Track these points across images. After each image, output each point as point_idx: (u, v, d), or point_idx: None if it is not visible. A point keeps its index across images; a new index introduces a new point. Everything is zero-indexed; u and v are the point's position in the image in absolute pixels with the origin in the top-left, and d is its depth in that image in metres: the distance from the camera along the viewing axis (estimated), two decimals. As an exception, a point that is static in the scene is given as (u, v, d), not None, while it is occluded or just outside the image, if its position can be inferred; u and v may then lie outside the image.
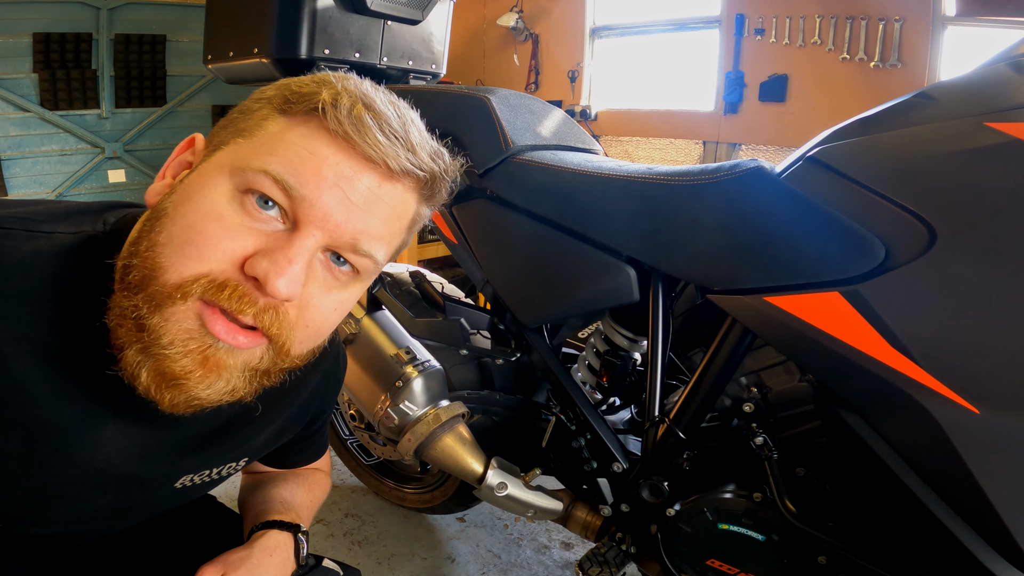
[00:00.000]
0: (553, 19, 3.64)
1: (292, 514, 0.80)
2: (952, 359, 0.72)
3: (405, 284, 1.48)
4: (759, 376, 1.05)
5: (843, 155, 0.79)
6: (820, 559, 0.93)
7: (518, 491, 1.13)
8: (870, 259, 0.76)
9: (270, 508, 0.80)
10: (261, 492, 0.84)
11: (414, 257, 3.25)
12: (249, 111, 0.54)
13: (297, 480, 0.89)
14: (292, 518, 0.79)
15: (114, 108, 3.53)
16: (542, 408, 1.26)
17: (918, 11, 2.47)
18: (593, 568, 1.12)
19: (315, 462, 0.92)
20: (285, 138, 0.52)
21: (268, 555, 0.71)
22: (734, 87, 2.97)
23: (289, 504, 0.82)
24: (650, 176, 0.98)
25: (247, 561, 0.68)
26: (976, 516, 0.74)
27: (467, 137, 1.18)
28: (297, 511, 0.82)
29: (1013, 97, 0.72)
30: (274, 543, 0.73)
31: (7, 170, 3.27)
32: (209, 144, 0.55)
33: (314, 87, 0.53)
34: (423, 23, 1.54)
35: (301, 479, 0.89)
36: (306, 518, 0.83)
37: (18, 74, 3.20)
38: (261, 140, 0.52)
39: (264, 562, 0.70)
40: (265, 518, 0.77)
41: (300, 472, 0.91)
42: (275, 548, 0.73)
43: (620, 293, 1.04)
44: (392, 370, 1.16)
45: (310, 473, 0.92)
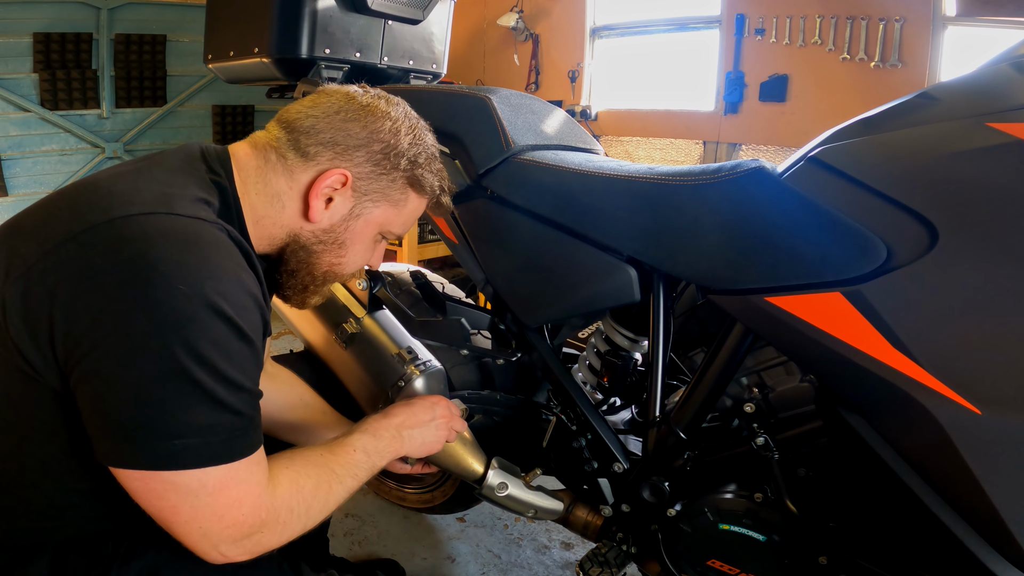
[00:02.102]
0: (553, 19, 3.64)
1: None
2: (954, 359, 0.72)
3: (406, 284, 1.48)
4: (760, 376, 1.05)
5: (844, 155, 0.79)
6: (821, 559, 0.93)
7: (519, 491, 1.12)
8: (872, 259, 0.76)
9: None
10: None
11: (414, 257, 3.25)
12: (392, 169, 0.86)
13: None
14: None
15: (114, 108, 3.53)
16: (543, 408, 1.26)
17: (918, 11, 2.47)
18: (594, 568, 1.12)
19: None
20: (412, 212, 0.92)
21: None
22: (734, 87, 2.97)
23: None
24: (651, 176, 0.98)
25: None
26: (977, 516, 0.74)
27: (468, 137, 1.18)
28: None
29: (1015, 97, 0.72)
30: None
31: (7, 170, 3.27)
32: (358, 190, 0.85)
33: (432, 178, 0.91)
34: (424, 23, 1.54)
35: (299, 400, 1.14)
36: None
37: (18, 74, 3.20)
38: (402, 214, 0.90)
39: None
40: None
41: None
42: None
43: (621, 293, 1.04)
44: (393, 370, 1.16)
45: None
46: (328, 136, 0.82)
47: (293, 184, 0.82)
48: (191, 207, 0.71)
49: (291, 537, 0.76)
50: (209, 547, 0.69)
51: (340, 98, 0.85)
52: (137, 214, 0.67)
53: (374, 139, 0.83)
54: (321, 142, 0.82)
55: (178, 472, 0.65)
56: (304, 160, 0.82)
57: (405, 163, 0.86)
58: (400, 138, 0.85)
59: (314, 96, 0.87)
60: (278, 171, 0.82)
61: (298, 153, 0.82)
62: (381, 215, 0.87)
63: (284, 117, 0.85)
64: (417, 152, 0.87)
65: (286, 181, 0.82)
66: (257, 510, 0.71)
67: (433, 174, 0.90)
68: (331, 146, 0.82)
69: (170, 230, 0.67)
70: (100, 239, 0.65)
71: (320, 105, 0.84)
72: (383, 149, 0.84)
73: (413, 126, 0.88)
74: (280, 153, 0.82)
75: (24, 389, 0.68)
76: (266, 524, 0.72)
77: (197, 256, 0.67)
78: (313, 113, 0.83)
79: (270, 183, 0.82)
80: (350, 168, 0.83)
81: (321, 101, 0.85)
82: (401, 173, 0.86)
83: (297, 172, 0.82)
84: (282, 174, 0.82)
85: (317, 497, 0.79)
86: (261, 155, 0.83)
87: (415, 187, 0.89)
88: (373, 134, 0.83)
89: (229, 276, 0.68)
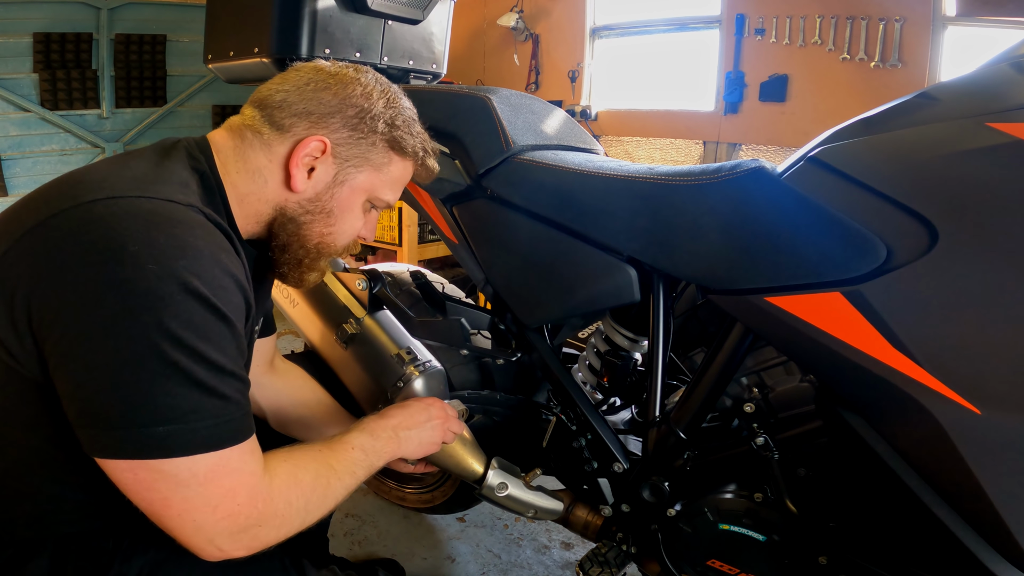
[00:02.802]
0: (553, 19, 3.64)
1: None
2: (953, 359, 0.72)
3: (406, 284, 1.48)
4: (760, 376, 1.05)
5: (844, 155, 0.79)
6: (821, 559, 0.93)
7: (519, 491, 1.12)
8: (871, 259, 0.76)
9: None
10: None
11: (414, 257, 3.25)
12: (370, 133, 0.86)
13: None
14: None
15: (114, 108, 3.53)
16: (543, 408, 1.26)
17: (918, 11, 2.47)
18: (594, 568, 1.12)
19: None
20: (398, 176, 0.91)
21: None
22: (734, 87, 2.97)
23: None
24: (651, 176, 0.98)
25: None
26: (977, 516, 0.74)
27: (468, 137, 1.18)
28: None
29: (1015, 97, 0.72)
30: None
31: (7, 170, 3.27)
32: (338, 156, 0.85)
33: (413, 140, 0.90)
34: (424, 23, 1.54)
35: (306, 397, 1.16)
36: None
37: (18, 74, 3.20)
38: (387, 179, 0.90)
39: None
40: None
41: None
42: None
43: (621, 293, 1.04)
44: (393, 370, 1.16)
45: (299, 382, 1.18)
46: (301, 107, 0.82)
47: (272, 157, 0.82)
48: (165, 189, 0.71)
49: (289, 533, 0.74)
50: (204, 542, 0.67)
51: (309, 71, 0.86)
52: (106, 197, 0.67)
53: (347, 104, 0.84)
54: (295, 113, 0.82)
55: (165, 460, 0.63)
56: (280, 133, 0.82)
57: (382, 126, 0.86)
58: (373, 101, 0.85)
59: (283, 73, 0.87)
60: (255, 147, 0.83)
61: (273, 127, 0.82)
62: (366, 180, 0.87)
63: (256, 97, 0.86)
64: (393, 114, 0.87)
65: (265, 155, 0.82)
66: (253, 500, 0.69)
67: (413, 136, 0.90)
68: (305, 116, 0.82)
69: (140, 210, 0.66)
70: (68, 222, 0.65)
71: (289, 80, 0.85)
72: (357, 113, 0.84)
73: (385, 90, 0.88)
74: (255, 130, 0.83)
75: (7, 381, 0.67)
76: (263, 517, 0.70)
77: (168, 235, 0.66)
78: (283, 88, 0.84)
79: (249, 160, 0.82)
80: (327, 135, 0.83)
81: (290, 76, 0.86)
82: (379, 136, 0.86)
83: (275, 145, 0.82)
84: (260, 149, 0.83)
85: (316, 491, 0.78)
86: (237, 135, 0.84)
87: (396, 149, 0.89)
88: (345, 100, 0.84)
89: (204, 254, 0.67)
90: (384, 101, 0.87)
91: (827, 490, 0.94)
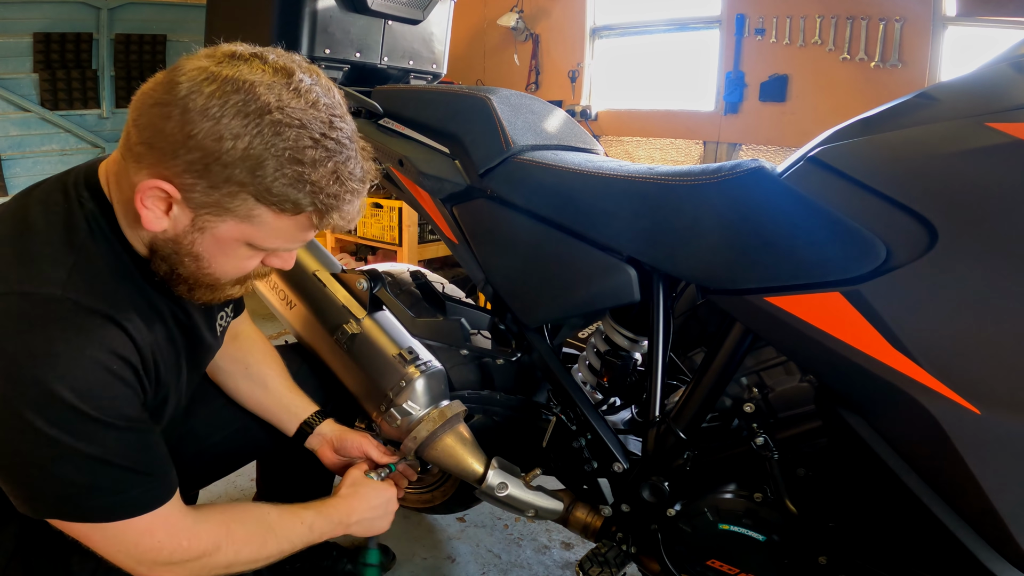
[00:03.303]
0: (553, 19, 3.64)
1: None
2: (953, 359, 0.72)
3: (406, 284, 1.48)
4: (760, 376, 1.05)
5: (844, 155, 0.79)
6: (821, 559, 0.93)
7: (519, 491, 1.12)
8: (871, 259, 0.76)
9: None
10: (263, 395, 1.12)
11: (414, 257, 3.25)
12: (223, 183, 0.66)
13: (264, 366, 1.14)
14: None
15: (114, 108, 3.53)
16: (542, 408, 1.26)
17: (918, 11, 2.47)
18: (593, 568, 1.12)
19: None
20: (282, 228, 0.71)
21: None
22: (734, 87, 2.97)
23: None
24: (651, 176, 0.98)
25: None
26: (976, 516, 0.74)
27: (468, 137, 1.18)
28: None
29: (1015, 97, 0.72)
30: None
31: (7, 170, 3.27)
32: (190, 202, 0.68)
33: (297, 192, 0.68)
34: (424, 23, 1.54)
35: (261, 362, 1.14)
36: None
37: (18, 74, 3.20)
38: (265, 231, 0.71)
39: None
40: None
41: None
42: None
43: (621, 293, 1.04)
44: (394, 370, 1.16)
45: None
46: (148, 135, 0.66)
47: (132, 189, 0.69)
48: (27, 275, 0.68)
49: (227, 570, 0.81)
50: (137, 566, 0.75)
51: (165, 81, 0.66)
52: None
53: (190, 145, 0.64)
54: (143, 141, 0.66)
55: (66, 524, 0.71)
56: (135, 163, 0.68)
57: (241, 174, 0.65)
58: (225, 143, 0.64)
59: (169, 70, 0.69)
60: (123, 172, 0.71)
61: (130, 153, 0.68)
62: (233, 230, 0.70)
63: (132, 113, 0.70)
64: (262, 158, 0.65)
65: (128, 187, 0.70)
66: (174, 537, 0.76)
67: (302, 184, 0.67)
68: (148, 148, 0.66)
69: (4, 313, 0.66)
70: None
71: (150, 90, 0.67)
72: (202, 158, 0.64)
73: (270, 117, 0.65)
74: (121, 151, 0.71)
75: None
76: (191, 553, 0.77)
77: (22, 344, 0.65)
78: (142, 101, 0.67)
79: (123, 187, 0.72)
80: (171, 178, 0.66)
81: (156, 81, 0.68)
82: (237, 186, 0.66)
83: (132, 174, 0.69)
84: (125, 177, 0.71)
85: (249, 545, 0.83)
86: (116, 158, 0.74)
87: (267, 204, 0.68)
88: (189, 138, 0.64)
89: (69, 359, 0.66)
90: (254, 139, 0.64)
91: (827, 490, 0.94)
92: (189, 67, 0.66)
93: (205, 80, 0.64)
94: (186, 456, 1.07)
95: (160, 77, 0.68)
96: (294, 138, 0.66)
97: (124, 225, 0.75)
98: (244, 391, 1.12)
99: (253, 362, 1.13)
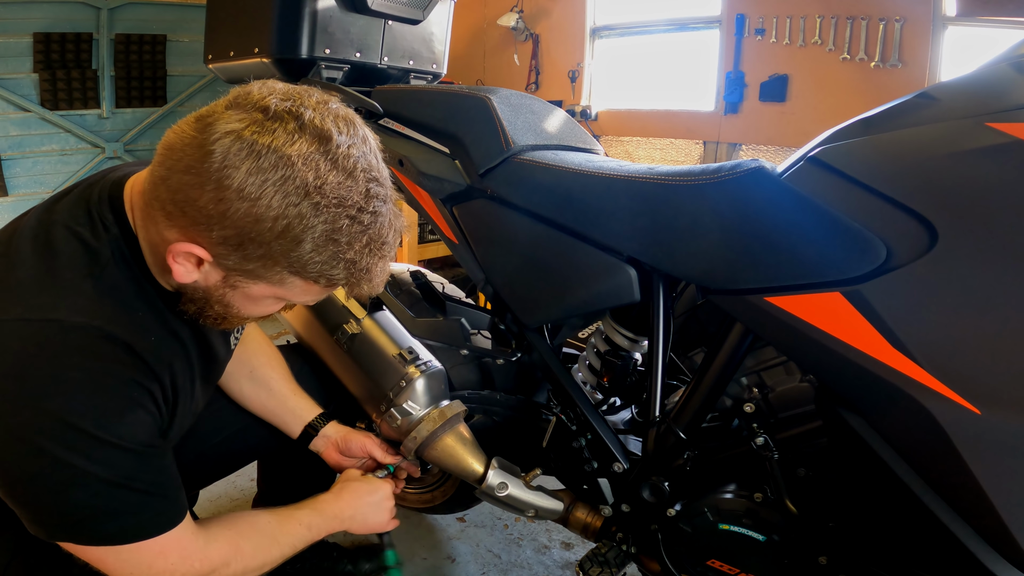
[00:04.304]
0: (553, 19, 3.64)
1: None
2: (953, 359, 0.72)
3: (406, 284, 1.48)
4: (760, 376, 1.05)
5: (844, 155, 0.79)
6: (821, 559, 0.93)
7: (519, 491, 1.12)
8: (871, 259, 0.76)
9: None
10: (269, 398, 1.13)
11: (414, 257, 3.25)
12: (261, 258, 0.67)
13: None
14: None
15: (114, 108, 3.53)
16: (543, 408, 1.26)
17: (918, 11, 2.47)
18: (594, 568, 1.12)
19: None
20: (313, 291, 0.73)
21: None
22: (734, 87, 2.97)
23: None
24: (651, 176, 0.98)
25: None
26: (977, 516, 0.74)
27: (468, 137, 1.18)
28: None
29: (1015, 97, 0.72)
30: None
31: (7, 170, 3.27)
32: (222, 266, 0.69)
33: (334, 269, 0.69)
34: (424, 23, 1.54)
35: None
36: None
37: (18, 74, 3.20)
38: (295, 291, 0.72)
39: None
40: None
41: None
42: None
43: (621, 293, 1.04)
44: (395, 371, 1.16)
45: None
46: (179, 199, 0.64)
47: (162, 238, 0.69)
48: (48, 302, 0.67)
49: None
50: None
51: (196, 145, 0.63)
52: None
53: (226, 223, 0.63)
54: (175, 202, 0.64)
55: (80, 547, 0.71)
56: (166, 219, 0.67)
57: (276, 252, 0.65)
58: (263, 224, 0.63)
59: (188, 125, 0.65)
60: (151, 219, 0.70)
61: (158, 205, 0.67)
62: (265, 291, 0.72)
63: (157, 156, 0.67)
64: (300, 239, 0.64)
65: (157, 233, 0.70)
66: (187, 560, 0.77)
67: (330, 262, 0.67)
68: (181, 213, 0.65)
69: (15, 339, 0.66)
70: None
71: (180, 149, 0.64)
72: (236, 236, 0.64)
73: (308, 200, 0.63)
74: (147, 201, 0.69)
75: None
76: (201, 572, 0.79)
77: (42, 371, 0.65)
78: (171, 160, 0.64)
79: (150, 229, 0.71)
80: (205, 244, 0.66)
81: (185, 137, 0.64)
82: (271, 262, 0.67)
83: (162, 227, 0.68)
84: (153, 224, 0.70)
85: (256, 558, 0.86)
86: (143, 197, 0.71)
87: (300, 276, 0.69)
88: (224, 216, 0.63)
89: (88, 385, 0.67)
90: (295, 217, 0.63)
91: (827, 490, 0.94)
92: (222, 129, 0.62)
93: (240, 151, 0.62)
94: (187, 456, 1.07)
95: (190, 134, 0.64)
96: (332, 219, 0.65)
97: (149, 260, 0.75)
98: (248, 393, 1.12)
99: (257, 365, 1.13)
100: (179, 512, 0.77)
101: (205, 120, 0.64)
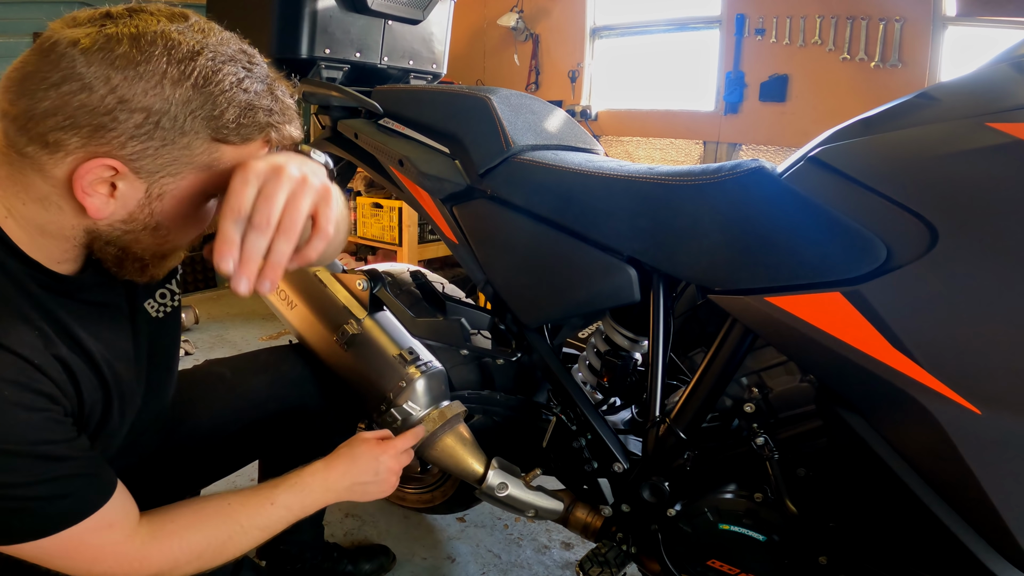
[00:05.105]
0: (553, 19, 3.64)
1: None
2: (954, 359, 0.72)
3: (406, 284, 1.48)
4: (760, 376, 1.05)
5: (844, 155, 0.79)
6: (821, 559, 0.93)
7: (519, 491, 1.13)
8: (871, 259, 0.76)
9: None
10: None
11: (414, 257, 3.25)
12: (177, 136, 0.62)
13: None
14: None
15: (114, 108, 3.53)
16: (543, 408, 1.26)
17: (918, 11, 2.47)
18: (594, 568, 1.12)
19: None
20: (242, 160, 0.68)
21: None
22: (734, 87, 2.97)
23: None
24: (651, 176, 0.98)
25: None
26: (977, 516, 0.74)
27: (468, 137, 1.18)
28: None
29: (1015, 97, 0.72)
30: None
31: (7, 170, 3.27)
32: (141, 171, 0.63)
33: (251, 117, 0.66)
34: (424, 23, 1.54)
35: None
36: None
37: (18, 74, 3.20)
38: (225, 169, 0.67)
39: None
40: None
41: None
42: None
43: (621, 293, 1.04)
44: (395, 371, 1.16)
45: None
46: (60, 119, 0.59)
47: (53, 182, 0.63)
48: None
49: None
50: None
51: (52, 59, 0.59)
52: None
53: (131, 107, 0.59)
54: (56, 127, 0.59)
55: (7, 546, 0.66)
56: (49, 153, 0.61)
57: (193, 120, 0.62)
58: (168, 93, 0.60)
59: (29, 56, 0.61)
60: (28, 172, 0.63)
61: (39, 145, 0.61)
62: (194, 183, 0.67)
63: (7, 98, 0.61)
64: (211, 94, 0.62)
65: (42, 180, 0.63)
66: (124, 561, 0.73)
67: (250, 111, 0.65)
68: (72, 129, 0.59)
69: None
70: None
71: (33, 72, 0.59)
72: (145, 120, 0.60)
73: (201, 57, 0.62)
74: (16, 150, 0.62)
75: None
76: (144, 574, 0.74)
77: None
78: (24, 87, 0.59)
79: (30, 188, 0.64)
80: (112, 152, 0.61)
81: (32, 62, 0.60)
82: (193, 136, 0.63)
83: (48, 168, 0.62)
84: (34, 173, 0.63)
85: (209, 549, 0.79)
86: (5, 160, 0.64)
87: (226, 141, 0.66)
88: (122, 102, 0.59)
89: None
90: (190, 81, 0.61)
91: (827, 490, 0.94)
92: (74, 36, 0.59)
93: (109, 42, 0.59)
94: (187, 457, 1.08)
95: (41, 57, 0.59)
96: (231, 70, 0.64)
97: (28, 238, 0.67)
98: None
99: None
100: (88, 507, 0.69)
101: (49, 41, 0.60)
